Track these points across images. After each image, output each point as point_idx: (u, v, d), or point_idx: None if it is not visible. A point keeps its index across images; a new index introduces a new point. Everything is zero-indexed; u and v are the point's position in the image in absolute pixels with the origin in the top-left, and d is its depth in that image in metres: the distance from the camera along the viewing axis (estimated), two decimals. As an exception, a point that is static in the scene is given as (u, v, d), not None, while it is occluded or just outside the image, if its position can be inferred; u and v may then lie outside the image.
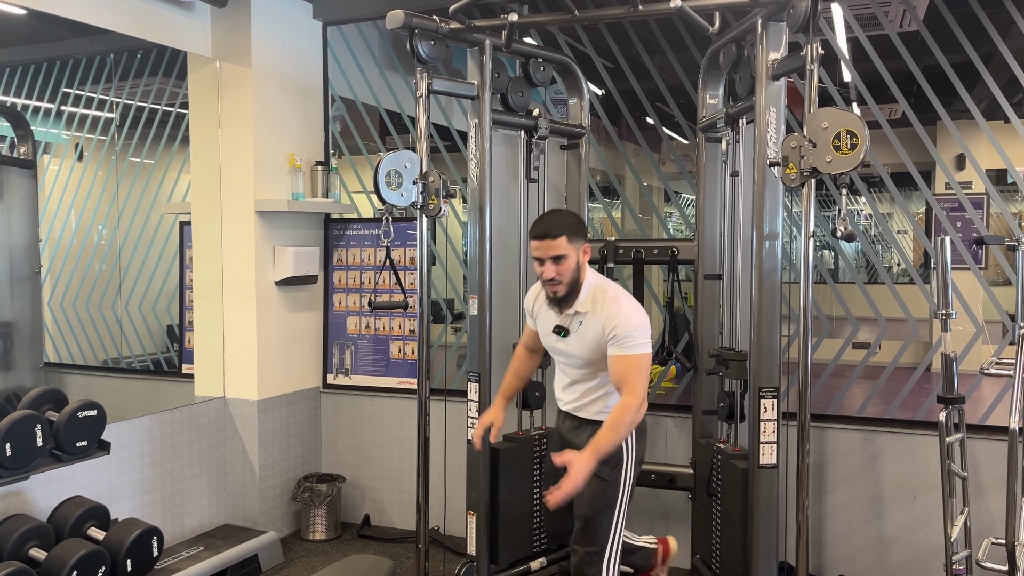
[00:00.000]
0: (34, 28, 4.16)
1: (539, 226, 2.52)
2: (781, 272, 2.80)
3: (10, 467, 2.53)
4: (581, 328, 2.55)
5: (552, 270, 2.48)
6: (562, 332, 2.59)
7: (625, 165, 4.95)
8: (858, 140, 2.35)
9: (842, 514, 3.39)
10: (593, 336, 2.52)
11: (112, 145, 4.88)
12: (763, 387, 2.76)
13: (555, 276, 2.48)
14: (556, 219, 2.54)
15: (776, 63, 2.70)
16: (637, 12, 2.75)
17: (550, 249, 2.47)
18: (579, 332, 2.55)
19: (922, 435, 3.26)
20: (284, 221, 3.99)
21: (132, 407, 4.41)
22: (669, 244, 3.34)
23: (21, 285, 4.14)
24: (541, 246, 2.48)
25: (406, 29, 2.86)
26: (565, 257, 2.48)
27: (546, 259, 2.48)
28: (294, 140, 4.05)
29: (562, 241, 2.47)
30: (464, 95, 3.09)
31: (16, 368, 4.13)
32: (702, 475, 3.23)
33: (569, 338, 2.58)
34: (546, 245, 2.47)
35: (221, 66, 3.84)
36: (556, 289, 2.52)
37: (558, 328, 2.60)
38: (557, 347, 2.65)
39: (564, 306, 2.57)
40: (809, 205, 2.52)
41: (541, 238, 2.48)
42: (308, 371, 4.21)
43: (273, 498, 3.97)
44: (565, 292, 2.52)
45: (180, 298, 4.42)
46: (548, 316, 2.65)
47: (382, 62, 4.43)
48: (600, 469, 2.47)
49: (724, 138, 3.18)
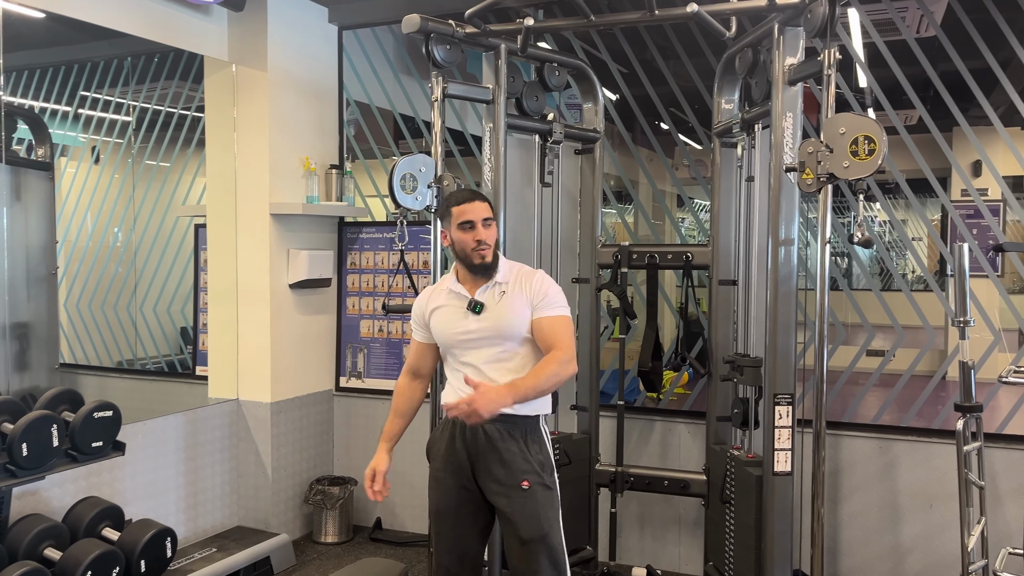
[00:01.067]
0: (53, 31, 4.19)
1: (465, 194, 2.45)
2: (797, 278, 2.79)
3: (27, 467, 2.55)
4: (504, 298, 2.41)
5: (483, 232, 2.38)
6: (478, 307, 2.40)
7: (639, 170, 4.93)
8: (876, 146, 2.33)
9: (857, 522, 3.37)
10: (519, 305, 2.39)
11: (128, 148, 4.92)
12: (778, 394, 2.75)
13: (485, 239, 2.38)
14: (476, 191, 2.50)
15: (793, 68, 2.68)
16: (653, 17, 2.75)
17: (482, 211, 2.39)
18: (501, 303, 2.40)
19: (939, 443, 3.23)
20: (298, 224, 4.01)
21: (147, 408, 4.43)
22: (683, 249, 3.33)
23: (38, 286, 4.16)
24: (473, 208, 2.39)
25: (422, 33, 2.87)
26: (493, 221, 2.42)
27: (477, 222, 2.38)
28: (309, 144, 4.06)
29: (488, 206, 2.43)
30: (479, 99, 3.10)
31: (32, 368, 4.16)
32: (716, 482, 3.21)
33: (486, 313, 2.40)
34: (478, 207, 2.40)
35: (237, 70, 3.86)
36: (485, 253, 2.38)
37: (474, 304, 2.40)
38: (468, 329, 2.40)
39: (487, 276, 2.42)
40: (826, 211, 2.50)
41: (471, 200, 2.41)
42: (321, 374, 4.22)
43: (285, 500, 3.98)
44: (492, 259, 2.41)
45: (194, 300, 4.44)
46: (454, 303, 2.45)
47: (397, 66, 4.44)
48: (544, 477, 2.36)
49: (739, 143, 3.17)
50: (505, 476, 2.34)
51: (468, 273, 2.44)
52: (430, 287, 2.57)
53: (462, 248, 2.41)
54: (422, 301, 2.53)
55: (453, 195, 2.47)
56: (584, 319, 3.50)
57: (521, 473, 2.34)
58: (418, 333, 2.55)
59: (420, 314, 2.52)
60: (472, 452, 2.38)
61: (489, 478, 2.36)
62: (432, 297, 2.50)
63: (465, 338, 2.41)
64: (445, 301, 2.47)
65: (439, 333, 2.47)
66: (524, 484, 2.33)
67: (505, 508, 2.34)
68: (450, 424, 2.42)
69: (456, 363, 2.45)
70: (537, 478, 2.35)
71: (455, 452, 2.41)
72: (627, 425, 3.54)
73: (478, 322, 2.41)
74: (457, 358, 2.44)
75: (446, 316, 2.45)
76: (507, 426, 2.36)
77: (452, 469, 2.41)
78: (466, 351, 2.42)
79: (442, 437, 2.46)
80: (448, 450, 2.42)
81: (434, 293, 2.51)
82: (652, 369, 3.33)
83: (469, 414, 2.15)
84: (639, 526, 3.72)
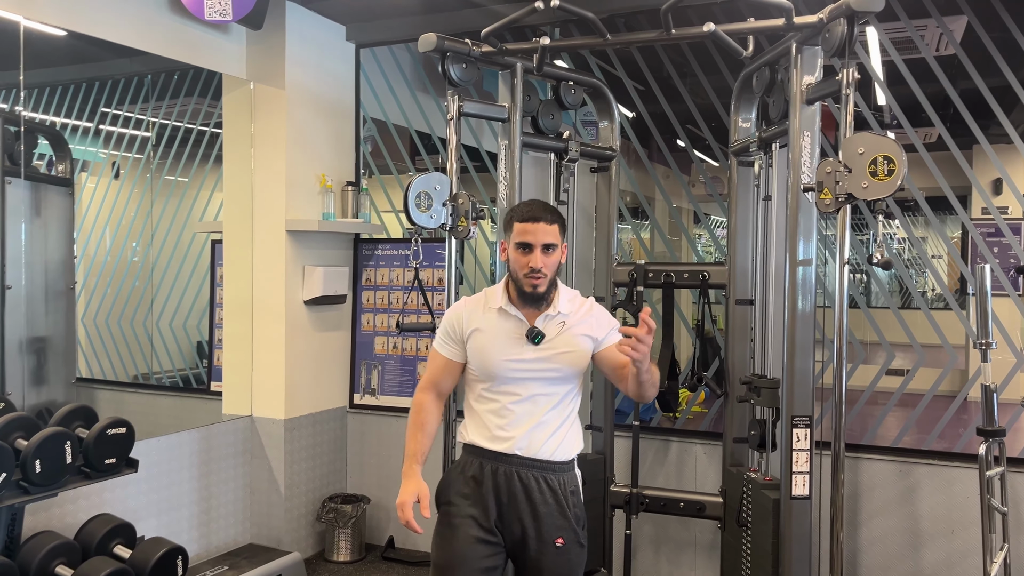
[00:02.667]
0: (74, 49, 4.24)
1: (531, 208, 2.18)
2: (815, 299, 2.75)
3: (40, 484, 2.55)
4: (566, 331, 2.19)
5: (540, 259, 2.13)
6: (538, 337, 2.16)
7: (655, 186, 4.92)
8: (895, 166, 2.30)
9: (877, 548, 3.30)
10: (583, 341, 2.19)
11: (148, 164, 4.96)
12: (796, 416, 2.71)
13: (542, 267, 2.13)
14: (548, 206, 2.23)
15: (811, 87, 2.66)
16: (670, 36, 2.74)
17: (545, 235, 2.14)
18: (564, 336, 2.18)
19: (960, 468, 3.17)
20: (314, 241, 4.01)
21: (161, 423, 4.44)
22: (700, 268, 3.30)
23: (56, 301, 4.19)
24: (535, 230, 2.13)
25: (438, 52, 2.88)
26: (555, 248, 2.16)
27: (536, 246, 2.13)
28: (325, 161, 4.08)
29: (556, 229, 2.17)
30: (495, 118, 3.09)
31: (49, 383, 4.18)
32: (732, 504, 3.16)
33: (547, 344, 2.17)
34: (541, 229, 2.13)
35: (255, 87, 3.89)
36: (538, 283, 2.14)
37: (534, 333, 2.16)
38: (523, 358, 2.16)
39: (543, 305, 2.19)
40: (844, 232, 2.47)
41: (535, 220, 2.14)
42: (335, 391, 4.21)
43: (298, 518, 3.96)
44: (546, 288, 2.17)
45: (210, 316, 4.45)
46: (506, 326, 2.19)
47: (413, 84, 4.45)
48: (579, 534, 2.20)
49: (757, 162, 3.15)
50: (536, 531, 2.16)
51: (519, 296, 2.21)
52: (469, 300, 2.29)
53: (515, 269, 2.17)
54: (461, 315, 2.25)
55: (520, 206, 2.22)
56: (599, 338, 3.47)
57: (556, 530, 2.17)
58: (447, 348, 2.27)
59: (456, 328, 2.25)
60: (502, 497, 2.16)
61: (518, 529, 2.16)
62: (474, 314, 2.23)
63: (518, 367, 2.17)
64: (494, 322, 2.21)
65: (483, 357, 2.20)
66: (559, 542, 2.16)
67: (532, 565, 2.17)
68: (475, 464, 2.20)
69: (492, 392, 2.21)
70: (573, 535, 2.18)
71: (481, 495, 2.17)
72: (642, 445, 3.50)
73: (535, 352, 2.18)
74: (495, 388, 2.20)
75: (494, 339, 2.20)
76: (544, 475, 2.17)
77: (474, 514, 2.16)
78: (513, 383, 2.18)
79: (462, 477, 2.21)
80: (473, 492, 2.18)
81: (476, 309, 2.24)
82: (668, 389, 3.30)
83: (643, 349, 1.93)
84: (654, 548, 3.68)
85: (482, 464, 2.19)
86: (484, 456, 2.19)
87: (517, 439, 2.17)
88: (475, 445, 2.22)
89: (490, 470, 2.18)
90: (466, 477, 2.20)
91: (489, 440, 2.19)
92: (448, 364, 2.28)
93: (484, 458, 2.19)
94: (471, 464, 2.21)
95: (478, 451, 2.21)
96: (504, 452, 2.18)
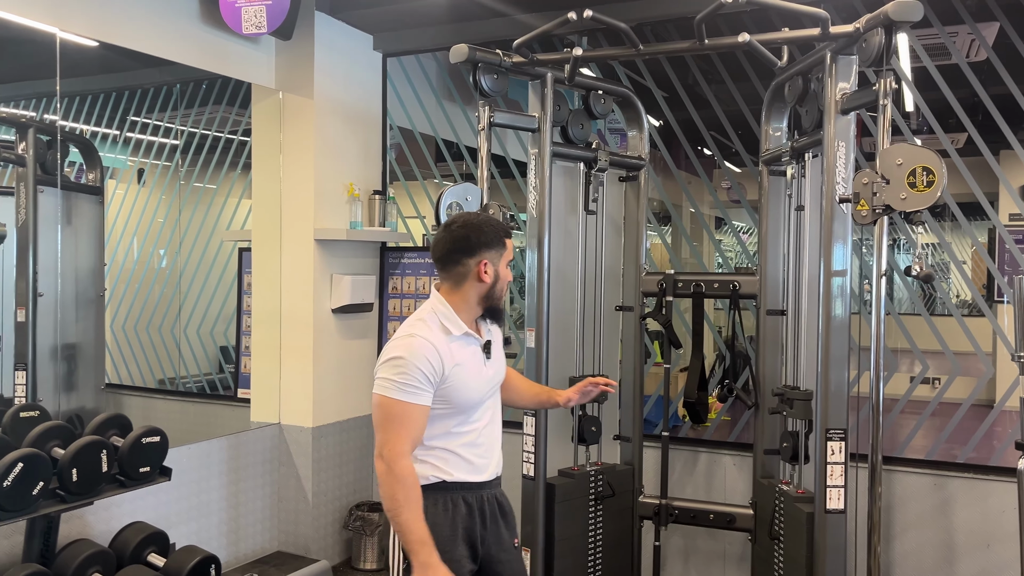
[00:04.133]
0: (105, 59, 4.29)
1: (501, 223, 2.16)
2: (850, 309, 2.72)
3: (76, 492, 2.57)
4: (494, 340, 2.19)
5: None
6: (488, 352, 2.15)
7: (682, 194, 4.89)
8: (935, 177, 2.28)
9: (911, 562, 3.26)
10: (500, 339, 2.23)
11: (176, 171, 5.00)
12: (830, 429, 2.68)
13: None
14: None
15: (846, 97, 2.64)
16: (703, 46, 2.72)
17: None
18: (495, 346, 2.18)
19: (997, 481, 3.13)
20: (342, 250, 4.03)
21: (190, 430, 4.47)
22: (730, 278, 3.28)
23: (86, 308, 4.23)
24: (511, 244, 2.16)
25: (469, 63, 2.88)
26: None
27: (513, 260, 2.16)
28: (353, 169, 4.09)
29: None
30: (525, 128, 3.09)
31: (79, 389, 4.22)
32: (763, 516, 3.14)
33: (492, 355, 2.16)
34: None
35: (284, 97, 3.91)
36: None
37: (487, 345, 2.14)
38: (489, 377, 2.13)
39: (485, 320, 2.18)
40: (882, 243, 2.44)
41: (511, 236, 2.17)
42: (362, 398, 4.22)
43: (325, 526, 3.97)
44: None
45: (237, 323, 4.48)
46: (470, 350, 2.08)
47: (440, 92, 4.47)
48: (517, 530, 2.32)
49: (789, 171, 3.12)
50: (508, 539, 2.21)
51: (471, 316, 2.11)
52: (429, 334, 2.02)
53: (502, 287, 2.10)
54: (438, 353, 1.99)
55: (497, 224, 2.11)
56: (628, 347, 3.46)
57: (515, 531, 2.27)
58: (425, 395, 1.98)
59: (436, 371, 1.98)
60: (487, 523, 2.14)
61: (499, 547, 2.17)
62: (445, 348, 2.01)
63: (486, 388, 2.11)
64: (464, 350, 2.06)
65: (467, 390, 2.04)
66: (516, 541, 2.26)
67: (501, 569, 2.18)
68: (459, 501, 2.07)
69: (466, 425, 2.08)
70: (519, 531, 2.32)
71: (472, 530, 2.09)
72: (671, 456, 3.47)
73: (492, 367, 2.14)
74: (469, 419, 2.09)
75: (471, 368, 2.06)
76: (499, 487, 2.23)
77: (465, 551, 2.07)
78: (480, 407, 2.11)
79: (448, 516, 2.05)
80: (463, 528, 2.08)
81: (443, 341, 2.02)
82: (698, 400, 3.28)
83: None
84: (683, 560, 3.65)
85: (465, 499, 2.09)
86: (468, 490, 2.10)
87: (492, 463, 2.17)
88: (460, 482, 2.08)
89: (475, 501, 2.11)
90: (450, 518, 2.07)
91: (473, 472, 2.10)
92: (426, 414, 2.00)
93: (468, 491, 2.09)
94: (450, 502, 2.07)
95: (461, 487, 2.09)
96: (487, 480, 2.15)
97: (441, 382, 2.00)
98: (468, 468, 2.09)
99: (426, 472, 2.05)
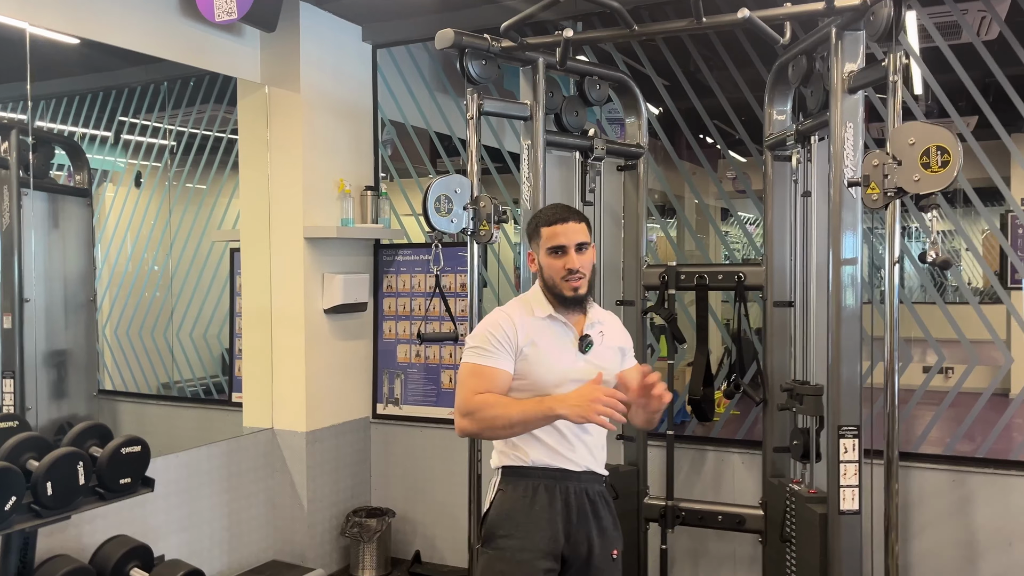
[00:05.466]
0: (89, 58, 4.19)
1: (555, 211, 2.09)
2: (861, 300, 2.58)
3: (52, 507, 2.46)
4: (604, 339, 2.12)
5: (576, 259, 2.04)
6: (588, 347, 2.08)
7: (684, 184, 4.76)
8: (950, 157, 2.14)
9: (929, 561, 3.12)
10: (616, 352, 2.15)
11: (166, 172, 4.89)
12: (843, 426, 2.55)
13: (579, 267, 2.04)
14: (570, 207, 2.15)
15: (853, 75, 2.50)
16: (701, 25, 2.59)
17: (576, 234, 2.05)
18: (604, 344, 2.11)
19: (1018, 476, 2.99)
20: (333, 248, 3.91)
21: (183, 435, 4.36)
22: (735, 269, 3.14)
23: (76, 313, 4.14)
24: (566, 230, 2.04)
25: (456, 48, 2.76)
26: (588, 246, 2.08)
27: (569, 246, 2.04)
28: (343, 165, 3.97)
29: (585, 227, 2.09)
30: (517, 116, 2.97)
31: (70, 396, 4.12)
32: (774, 517, 3.00)
33: (592, 354, 2.09)
34: (571, 229, 2.05)
35: (270, 91, 3.79)
36: (578, 285, 2.05)
37: (586, 341, 2.08)
38: (577, 368, 2.05)
39: (583, 310, 2.10)
40: (894, 228, 2.30)
41: (564, 221, 2.05)
42: (357, 401, 4.10)
43: (322, 533, 3.86)
44: (586, 290, 2.08)
45: (230, 326, 4.37)
46: (558, 332, 2.08)
47: (432, 84, 4.34)
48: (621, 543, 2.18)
49: (794, 156, 2.98)
50: (601, 547, 2.08)
51: (558, 304, 2.09)
52: (513, 308, 2.12)
53: (550, 276, 2.07)
54: (515, 323, 2.05)
55: (543, 212, 2.13)
56: (630, 343, 3.33)
57: (613, 542, 2.13)
58: (505, 359, 2.02)
59: (511, 338, 2.04)
60: (572, 517, 2.05)
61: (585, 549, 2.06)
62: (523, 322, 2.06)
63: (575, 379, 2.02)
64: (546, 332, 2.07)
65: (541, 371, 2.04)
66: (614, 554, 2.12)
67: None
68: (538, 487, 2.04)
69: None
70: (622, 546, 2.16)
71: (553, 521, 2.03)
72: (677, 455, 3.34)
73: (585, 363, 2.07)
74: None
75: (550, 351, 2.06)
76: (599, 488, 2.12)
77: (540, 544, 2.01)
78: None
79: (526, 502, 2.04)
80: (544, 518, 2.03)
81: (524, 317, 2.08)
82: (704, 396, 3.15)
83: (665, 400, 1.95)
84: (691, 563, 3.52)
85: (546, 486, 2.05)
86: (548, 476, 2.05)
87: (581, 454, 2.09)
88: (535, 466, 2.05)
89: (559, 490, 2.05)
90: (531, 501, 2.04)
91: (552, 457, 2.05)
92: (507, 378, 2.03)
93: (548, 478, 2.05)
94: (530, 488, 2.05)
95: (539, 472, 2.05)
96: (571, 469, 2.07)
97: (517, 354, 2.04)
98: (548, 452, 2.05)
99: (505, 452, 2.08)
